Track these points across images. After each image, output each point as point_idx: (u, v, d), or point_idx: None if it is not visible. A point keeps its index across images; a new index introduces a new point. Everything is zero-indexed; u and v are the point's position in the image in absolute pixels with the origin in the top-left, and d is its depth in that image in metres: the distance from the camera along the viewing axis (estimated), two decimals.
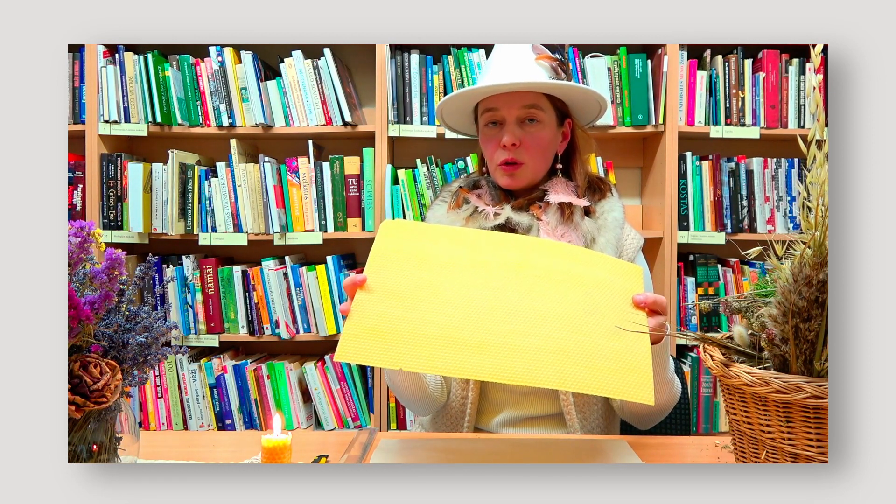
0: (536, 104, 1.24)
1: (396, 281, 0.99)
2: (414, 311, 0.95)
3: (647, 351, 0.93)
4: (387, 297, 0.97)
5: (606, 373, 0.90)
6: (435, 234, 1.07)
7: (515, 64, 1.25)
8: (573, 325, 0.96)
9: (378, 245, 1.04)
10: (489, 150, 1.27)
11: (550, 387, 0.89)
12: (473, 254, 1.05)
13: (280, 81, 2.24)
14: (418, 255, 1.03)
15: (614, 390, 0.89)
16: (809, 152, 0.75)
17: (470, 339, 0.92)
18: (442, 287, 0.99)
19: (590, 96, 1.28)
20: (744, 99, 2.23)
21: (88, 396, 0.76)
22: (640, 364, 0.92)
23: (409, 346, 0.92)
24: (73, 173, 2.27)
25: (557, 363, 0.91)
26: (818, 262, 0.73)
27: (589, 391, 0.89)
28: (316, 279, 2.25)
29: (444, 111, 1.34)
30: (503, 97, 1.24)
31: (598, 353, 0.93)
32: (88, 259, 0.80)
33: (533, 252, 1.05)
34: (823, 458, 0.73)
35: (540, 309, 0.98)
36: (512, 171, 1.25)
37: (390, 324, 0.93)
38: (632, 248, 1.28)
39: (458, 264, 1.03)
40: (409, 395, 1.22)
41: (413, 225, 1.10)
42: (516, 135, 1.23)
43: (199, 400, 2.28)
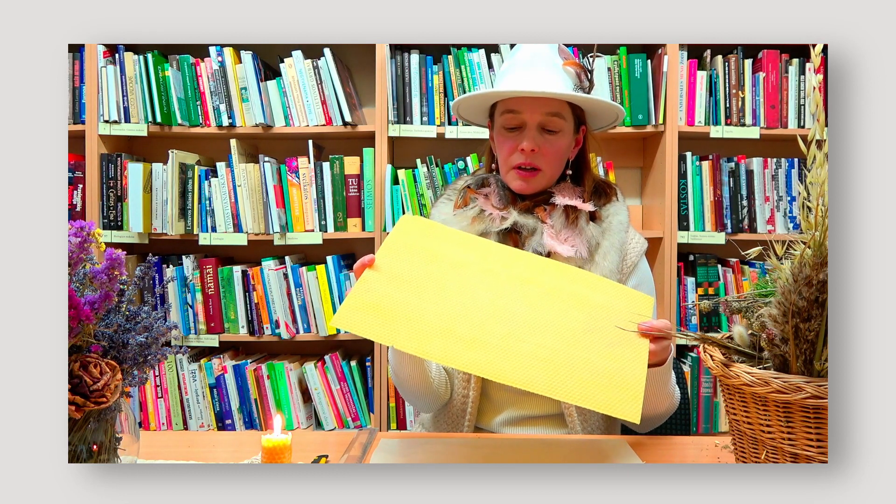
0: (559, 112, 1.23)
1: (404, 269, 1.02)
2: (415, 298, 0.98)
3: (642, 373, 0.94)
4: (392, 281, 0.99)
5: (596, 387, 0.90)
6: (449, 236, 1.12)
7: (543, 68, 1.22)
8: (570, 339, 0.97)
9: (393, 236, 1.07)
10: (505, 150, 1.25)
11: (538, 391, 0.89)
12: (484, 261, 1.08)
13: (280, 81, 2.24)
14: (430, 252, 1.06)
15: (601, 404, 0.89)
16: (809, 152, 0.75)
17: (465, 335, 0.93)
18: (447, 283, 1.02)
19: (611, 109, 1.27)
20: (744, 99, 2.23)
21: (88, 396, 0.76)
22: (632, 384, 0.92)
23: (405, 327, 0.94)
24: (73, 173, 2.27)
25: (548, 370, 0.91)
26: (818, 262, 0.73)
27: (575, 402, 0.89)
28: (316, 279, 2.25)
29: (461, 104, 1.32)
30: (527, 101, 1.22)
31: (591, 367, 0.93)
32: (88, 259, 0.80)
33: (543, 271, 1.08)
34: (823, 458, 0.73)
35: (539, 319, 0.99)
36: (527, 177, 1.23)
37: (391, 304, 0.96)
38: (635, 251, 1.28)
39: (466, 267, 1.06)
40: (413, 390, 1.22)
41: (430, 223, 1.13)
42: (536, 141, 1.22)
43: (199, 400, 2.28)
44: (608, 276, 1.22)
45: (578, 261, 1.20)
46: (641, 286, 1.28)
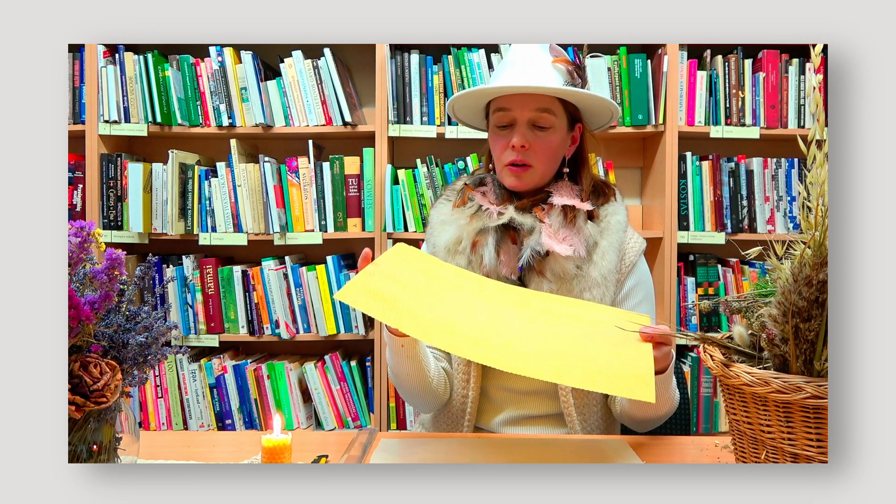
0: (549, 108, 1.23)
1: (404, 275, 1.03)
2: (414, 301, 0.99)
3: (649, 364, 0.92)
4: (392, 281, 1.01)
5: (605, 372, 0.89)
6: (446, 265, 1.15)
7: (532, 65, 1.24)
8: (573, 338, 0.97)
9: (390, 254, 1.09)
10: (498, 148, 1.26)
11: (546, 378, 0.87)
12: (480, 288, 1.10)
13: (280, 81, 2.24)
14: (427, 271, 1.08)
15: (613, 387, 0.87)
16: (809, 152, 0.75)
17: (469, 334, 0.93)
18: (445, 296, 1.03)
19: (603, 104, 1.27)
20: (744, 99, 2.23)
21: (88, 396, 0.76)
22: (641, 370, 0.90)
23: (408, 317, 0.94)
24: (73, 173, 2.27)
25: (555, 359, 0.91)
26: (818, 262, 0.73)
27: (586, 386, 0.88)
28: (316, 279, 2.25)
29: (455, 106, 1.34)
30: (517, 98, 1.23)
31: (598, 353, 0.93)
32: (88, 259, 0.80)
33: (539, 299, 1.10)
34: (823, 458, 0.73)
35: (541, 327, 1.00)
36: (519, 173, 1.24)
37: (391, 298, 0.97)
38: (634, 251, 1.28)
39: (463, 289, 1.07)
40: (411, 389, 1.22)
41: (424, 254, 1.17)
42: (526, 137, 1.22)
43: (199, 400, 2.28)
44: (606, 275, 1.22)
45: (577, 259, 1.20)
46: (640, 286, 1.28)
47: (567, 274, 1.20)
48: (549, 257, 1.20)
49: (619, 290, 1.26)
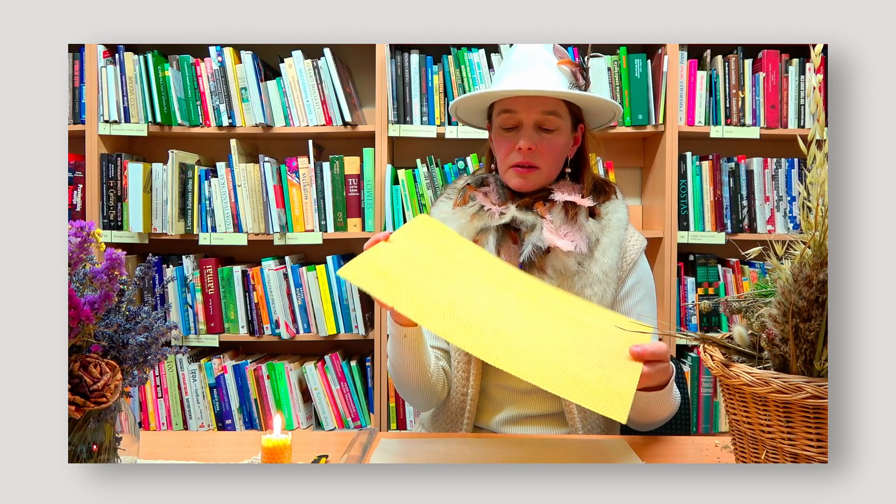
0: (555, 111, 1.23)
1: (416, 252, 1.05)
2: (421, 277, 1.00)
3: (633, 382, 0.90)
4: (402, 258, 1.02)
5: (586, 385, 0.87)
6: (461, 240, 1.16)
7: (537, 67, 1.24)
8: (564, 345, 0.95)
9: (409, 226, 1.11)
10: (503, 150, 1.26)
11: (529, 379, 0.85)
12: (489, 271, 1.10)
13: (280, 81, 2.24)
14: (441, 248, 1.10)
15: (588, 399, 0.84)
16: (809, 152, 0.75)
17: (464, 320, 0.93)
18: (453, 276, 1.04)
19: (608, 106, 1.27)
20: (744, 99, 2.23)
21: (88, 396, 0.76)
22: (622, 389, 0.88)
23: (406, 296, 0.95)
24: (73, 173, 2.27)
25: (540, 361, 0.89)
26: (818, 262, 0.73)
27: (564, 395, 0.85)
28: (316, 279, 2.25)
29: (458, 107, 1.33)
30: (523, 101, 1.23)
31: (583, 367, 0.91)
32: (88, 259, 0.80)
33: (544, 292, 1.10)
34: (823, 458, 0.73)
35: (536, 325, 0.99)
36: (525, 174, 1.24)
37: (397, 275, 0.97)
38: (635, 249, 1.28)
39: (473, 270, 1.08)
40: (410, 382, 1.21)
41: (445, 227, 1.18)
42: (533, 139, 1.22)
43: (199, 400, 2.28)
44: (607, 272, 1.22)
45: (578, 256, 1.20)
46: (640, 284, 1.28)
47: (568, 270, 1.20)
48: (550, 253, 1.20)
49: (621, 287, 1.26)
